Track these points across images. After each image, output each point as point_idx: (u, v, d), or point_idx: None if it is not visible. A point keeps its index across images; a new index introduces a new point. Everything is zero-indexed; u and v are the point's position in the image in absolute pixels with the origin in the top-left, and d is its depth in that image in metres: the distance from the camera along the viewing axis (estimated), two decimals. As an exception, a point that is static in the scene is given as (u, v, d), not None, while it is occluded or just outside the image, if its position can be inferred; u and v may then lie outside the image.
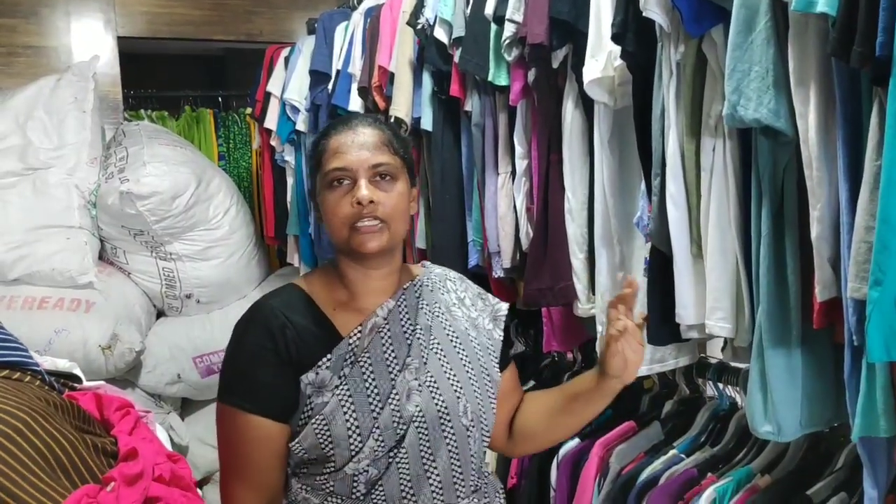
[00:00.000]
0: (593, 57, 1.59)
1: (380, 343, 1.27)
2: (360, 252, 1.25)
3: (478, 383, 1.32)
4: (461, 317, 1.37)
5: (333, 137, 1.28)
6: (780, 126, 1.27)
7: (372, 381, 1.24)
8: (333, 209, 1.25)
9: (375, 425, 1.22)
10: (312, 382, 1.24)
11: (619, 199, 1.67)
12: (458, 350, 1.33)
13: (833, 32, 1.13)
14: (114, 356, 2.88)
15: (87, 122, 3.13)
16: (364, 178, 1.24)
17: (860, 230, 1.14)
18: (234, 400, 1.25)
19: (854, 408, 1.22)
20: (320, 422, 1.22)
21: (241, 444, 1.25)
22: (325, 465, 1.24)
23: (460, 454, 1.28)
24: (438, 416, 1.26)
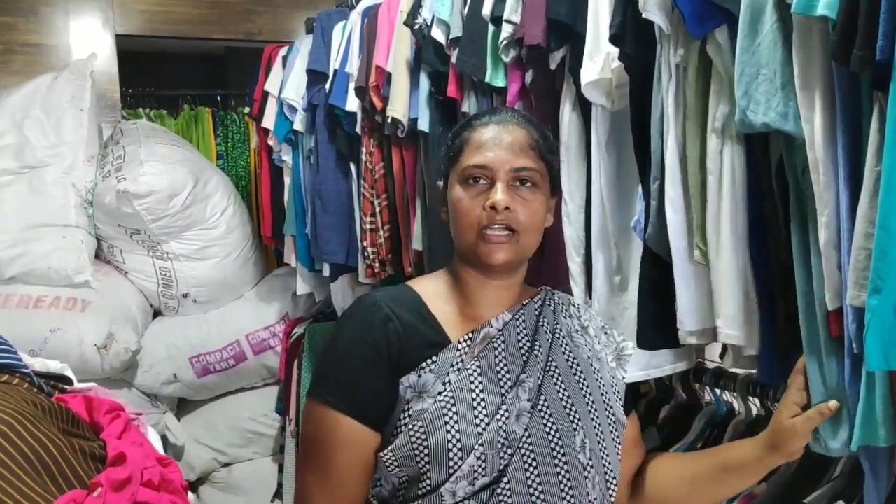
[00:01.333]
0: (591, 59, 1.57)
1: (492, 355, 1.17)
2: (485, 262, 1.17)
3: (600, 420, 1.20)
4: (583, 345, 1.27)
5: (479, 130, 1.20)
6: (788, 129, 1.24)
7: (480, 392, 1.13)
8: (465, 210, 1.17)
9: (479, 441, 1.10)
10: (413, 385, 1.13)
11: (617, 202, 1.65)
12: (579, 379, 1.22)
13: (833, 35, 1.12)
14: (109, 356, 2.87)
15: (84, 121, 3.12)
16: (503, 182, 1.16)
17: (859, 237, 1.12)
18: (325, 396, 1.15)
19: (854, 417, 1.20)
20: (418, 429, 1.11)
21: (327, 445, 1.14)
22: (418, 486, 1.11)
23: (576, 496, 1.13)
24: (550, 445, 1.13)
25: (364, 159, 2.47)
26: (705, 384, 1.74)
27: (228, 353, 3.26)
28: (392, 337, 1.15)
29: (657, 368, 1.67)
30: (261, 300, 3.39)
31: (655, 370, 1.67)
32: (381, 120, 2.34)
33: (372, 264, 2.49)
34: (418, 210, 2.28)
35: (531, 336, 1.21)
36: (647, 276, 1.50)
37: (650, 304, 1.49)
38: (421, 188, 2.26)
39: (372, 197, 2.46)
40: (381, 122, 2.36)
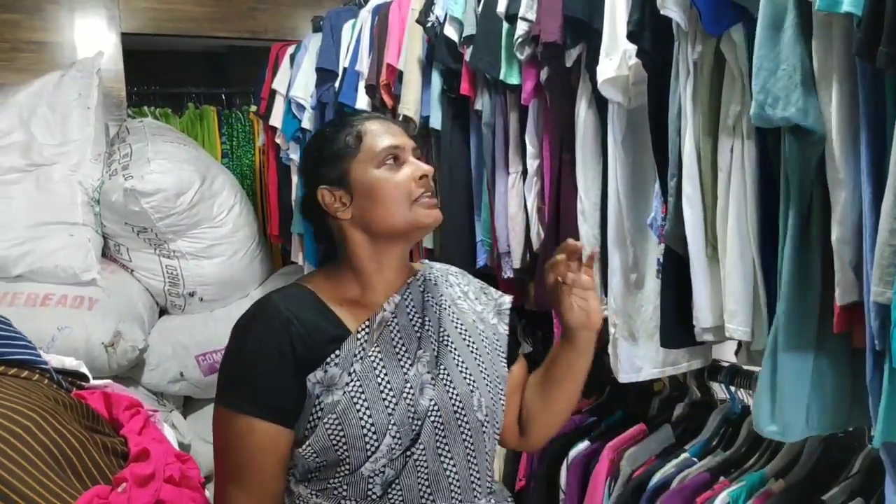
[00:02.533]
0: (608, 56, 1.58)
1: (389, 337, 1.24)
2: (426, 224, 1.25)
3: (489, 378, 1.29)
4: (468, 310, 1.35)
5: (365, 123, 1.27)
6: (808, 125, 1.24)
7: (384, 376, 1.20)
8: (394, 186, 1.23)
9: (391, 422, 1.17)
10: (321, 381, 1.18)
11: (633, 199, 1.65)
12: (469, 343, 1.30)
13: (858, 32, 1.12)
14: (116, 354, 2.86)
15: (91, 119, 3.11)
16: (413, 157, 1.26)
17: (884, 233, 1.12)
18: (236, 403, 1.20)
19: (876, 413, 1.21)
20: (332, 421, 1.17)
21: (242, 450, 1.19)
22: (337, 468, 1.18)
23: (476, 451, 1.24)
24: (454, 409, 1.22)
25: (374, 157, 2.47)
26: (720, 382, 1.74)
27: (235, 351, 3.25)
28: (295, 338, 1.18)
29: (672, 366, 1.68)
30: (267, 299, 3.38)
31: (671, 368, 1.68)
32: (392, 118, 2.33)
33: (382, 262, 2.49)
34: (429, 208, 2.27)
35: (421, 312, 1.29)
36: (669, 273, 1.50)
37: (671, 301, 1.50)
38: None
39: (382, 195, 2.46)
40: (391, 119, 2.36)
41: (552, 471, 1.85)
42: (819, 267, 1.32)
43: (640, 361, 1.68)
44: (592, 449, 1.81)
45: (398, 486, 1.18)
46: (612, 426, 1.88)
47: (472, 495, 1.23)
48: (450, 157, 2.11)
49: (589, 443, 1.83)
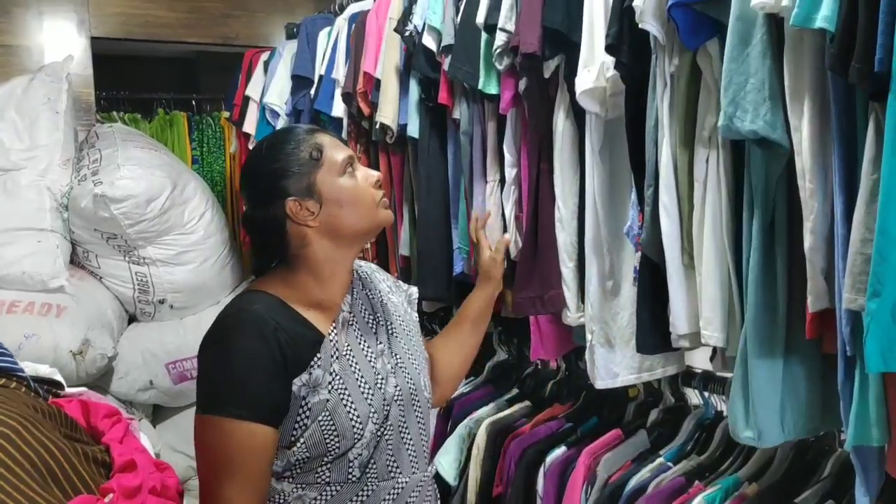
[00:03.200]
0: (585, 67, 1.60)
1: (354, 335, 1.35)
2: (388, 223, 1.43)
3: (422, 360, 1.46)
4: (395, 302, 1.49)
5: (318, 138, 1.36)
6: (776, 138, 1.28)
7: (359, 370, 1.32)
8: (362, 191, 1.35)
9: (372, 410, 1.30)
10: (306, 383, 1.26)
11: (610, 208, 1.68)
12: (405, 330, 1.46)
13: (831, 48, 1.15)
14: (85, 362, 2.83)
15: (59, 124, 3.07)
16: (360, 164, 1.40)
17: (856, 242, 1.16)
18: (230, 410, 1.23)
19: (847, 417, 1.24)
20: (325, 418, 1.26)
21: (237, 453, 1.23)
22: (324, 458, 1.29)
23: (425, 424, 1.42)
24: (410, 391, 1.38)
25: (350, 165, 2.47)
26: (694, 388, 1.77)
27: (206, 359, 3.23)
28: (283, 345, 1.25)
29: (648, 372, 1.70)
30: (238, 306, 3.35)
31: (646, 374, 1.71)
32: (369, 125, 2.34)
33: (357, 269, 2.50)
34: (406, 215, 2.29)
35: (370, 308, 1.42)
36: (645, 281, 1.53)
37: (647, 308, 1.52)
38: (409, 194, 2.28)
39: (358, 202, 2.47)
40: (367, 127, 2.36)
41: (529, 477, 1.86)
42: (785, 274, 1.36)
43: (616, 367, 1.70)
44: (569, 455, 1.83)
45: (373, 463, 1.32)
46: (587, 432, 1.91)
47: (424, 462, 1.41)
48: (427, 165, 2.12)
49: (566, 448, 1.85)
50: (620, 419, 1.94)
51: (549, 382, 2.16)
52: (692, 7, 1.35)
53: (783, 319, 1.36)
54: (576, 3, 1.63)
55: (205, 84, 5.04)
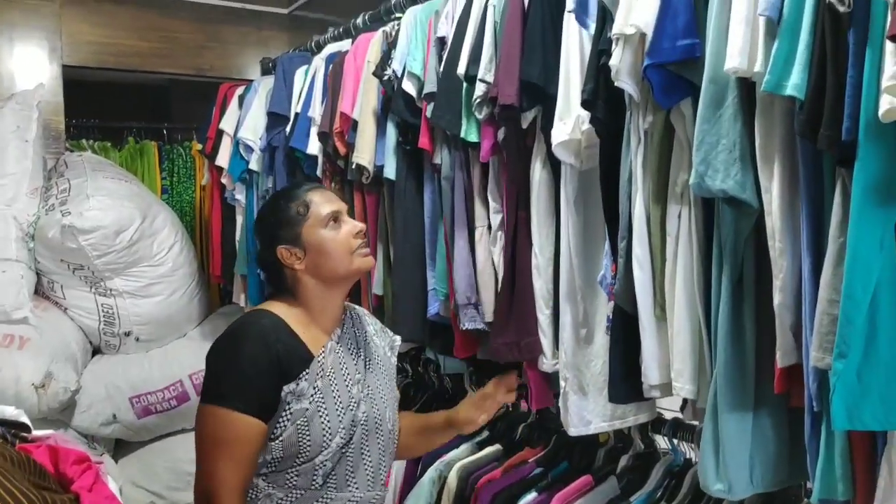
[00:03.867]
0: (561, 120, 1.63)
1: (338, 361, 1.60)
2: (365, 269, 1.68)
3: (393, 398, 1.72)
4: (378, 344, 1.74)
5: (308, 194, 1.64)
6: (745, 198, 1.33)
7: (338, 391, 1.57)
8: (340, 241, 1.61)
9: (341, 426, 1.55)
10: (293, 392, 1.53)
11: (584, 257, 1.71)
12: (381, 369, 1.70)
13: (801, 115, 1.20)
14: (47, 395, 2.77)
15: (28, 152, 3.04)
16: (349, 216, 1.65)
17: (823, 303, 1.20)
18: (231, 402, 1.50)
19: (814, 471, 1.27)
20: (302, 423, 1.52)
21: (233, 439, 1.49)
22: (295, 460, 1.54)
23: (385, 452, 1.66)
24: (375, 420, 1.62)
25: (324, 203, 2.48)
26: (664, 435, 1.80)
27: (171, 393, 3.18)
28: (281, 354, 1.53)
29: (620, 420, 1.73)
30: (205, 339, 3.31)
31: (618, 421, 1.73)
32: (344, 165, 2.36)
33: (330, 308, 2.49)
34: (380, 255, 2.29)
35: (356, 342, 1.67)
36: (617, 331, 1.55)
37: (620, 358, 1.55)
38: (383, 234, 2.28)
39: (332, 241, 2.47)
40: (343, 166, 2.37)
41: (500, 521, 1.87)
42: (753, 329, 1.39)
43: (589, 415, 1.72)
44: (540, 500, 1.84)
45: (333, 475, 1.56)
46: (558, 477, 1.92)
47: (379, 484, 1.64)
48: (403, 207, 2.13)
49: (536, 494, 1.86)
50: (591, 464, 1.95)
51: (519, 425, 2.17)
52: (667, 68, 1.40)
53: (752, 373, 1.40)
54: (553, 58, 1.67)
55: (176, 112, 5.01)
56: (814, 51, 1.19)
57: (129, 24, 3.62)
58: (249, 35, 3.90)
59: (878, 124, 1.10)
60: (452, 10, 1.99)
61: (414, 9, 2.14)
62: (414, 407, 2.48)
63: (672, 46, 1.37)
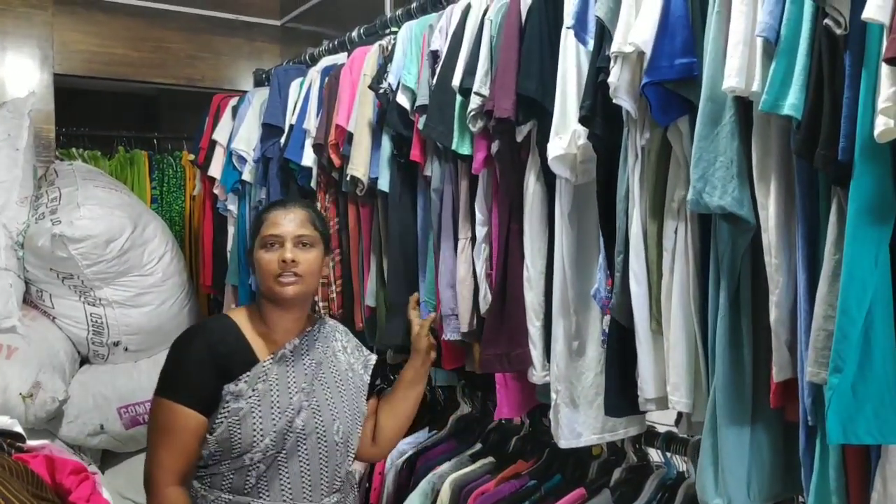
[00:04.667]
0: (557, 134, 1.65)
1: (285, 370, 1.69)
2: (282, 297, 1.70)
3: (349, 413, 1.76)
4: (343, 360, 1.81)
5: (273, 212, 1.75)
6: (743, 214, 1.35)
7: (276, 397, 1.66)
8: (265, 263, 1.70)
9: (273, 429, 1.64)
10: (232, 392, 1.64)
11: (577, 270, 1.72)
12: (339, 384, 1.76)
13: (798, 134, 1.22)
14: (35, 405, 2.75)
15: (19, 161, 3.02)
16: (290, 244, 1.70)
17: (819, 319, 1.22)
18: (174, 395, 1.65)
19: (808, 485, 1.29)
20: (235, 422, 1.63)
21: (173, 428, 1.64)
22: (228, 455, 1.63)
23: (328, 463, 1.70)
24: (316, 431, 1.68)
25: (318, 214, 2.49)
26: (657, 448, 1.81)
27: (159, 403, 3.16)
28: (220, 356, 1.65)
29: (611, 432, 1.74)
30: (194, 349, 3.30)
31: (609, 434, 1.74)
32: (339, 177, 2.36)
33: (323, 319, 2.50)
34: (373, 267, 2.30)
35: (311, 355, 1.75)
36: (614, 345, 1.57)
37: (616, 371, 1.56)
38: (377, 245, 2.29)
39: (325, 252, 2.47)
40: (337, 178, 2.38)
41: (493, 534, 1.87)
42: (750, 344, 1.41)
43: (580, 427, 1.73)
44: (533, 513, 1.85)
45: (265, 479, 1.64)
46: (551, 490, 1.92)
47: (320, 493, 1.69)
48: (397, 219, 2.14)
49: (530, 507, 1.87)
50: (584, 477, 1.96)
51: (512, 438, 2.18)
52: (665, 86, 1.42)
53: (749, 388, 1.41)
54: (549, 72, 1.69)
55: (165, 122, 5.01)
56: (811, 72, 1.21)
57: (121, 34, 3.63)
58: (242, 46, 3.91)
59: (873, 145, 1.12)
60: (446, 25, 2.01)
61: (410, 23, 2.16)
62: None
63: (670, 65, 1.40)
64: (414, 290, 2.14)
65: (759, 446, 1.41)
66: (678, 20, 1.40)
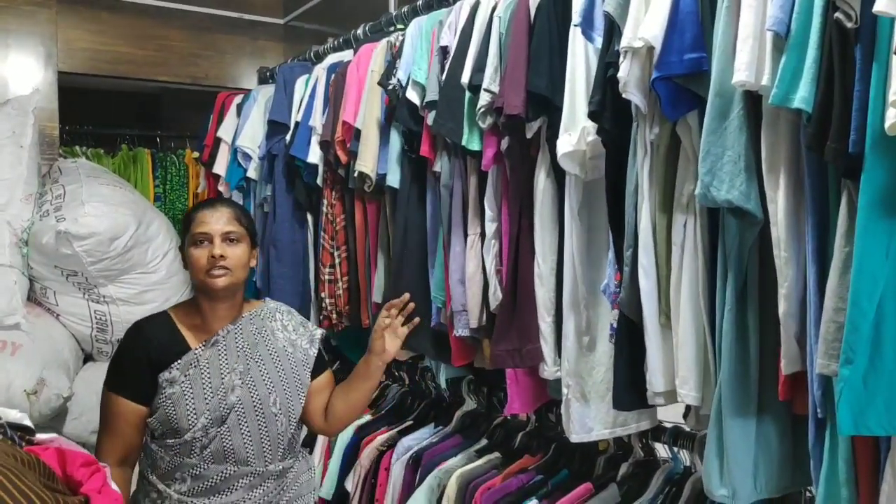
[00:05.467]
0: (567, 131, 1.66)
1: (217, 354, 1.82)
2: (212, 289, 1.81)
3: (289, 385, 1.87)
4: (281, 338, 1.92)
5: (201, 211, 1.86)
6: (750, 208, 1.35)
7: (208, 379, 1.80)
8: (195, 259, 1.81)
9: (206, 408, 1.78)
10: (167, 378, 1.79)
11: (587, 266, 1.73)
12: (276, 360, 1.88)
13: (808, 127, 1.23)
14: (39, 402, 2.74)
15: (23, 158, 3.01)
16: (218, 240, 1.81)
17: (829, 311, 1.22)
18: (112, 387, 1.82)
19: (818, 477, 1.30)
20: (170, 405, 1.78)
21: (110, 416, 1.81)
22: (174, 434, 1.78)
23: (269, 431, 1.83)
24: (253, 404, 1.81)
25: (325, 211, 2.49)
26: (664, 443, 1.81)
27: (161, 401, 3.16)
28: (152, 349, 1.80)
29: (622, 427, 1.75)
30: (197, 347, 3.30)
31: (620, 428, 1.75)
32: (345, 173, 2.37)
33: (329, 315, 2.50)
34: (380, 263, 2.31)
35: (245, 338, 1.87)
36: (622, 339, 1.57)
37: (624, 366, 1.57)
38: (384, 242, 2.30)
39: (332, 248, 2.48)
40: (343, 175, 2.39)
41: (500, 528, 1.88)
42: (757, 337, 1.42)
43: (591, 422, 1.73)
44: (540, 507, 1.85)
45: (209, 450, 1.78)
46: (558, 485, 1.93)
47: (264, 460, 1.82)
48: (405, 215, 2.15)
49: (537, 501, 1.87)
50: (590, 472, 1.96)
51: (518, 433, 2.18)
52: (674, 81, 1.43)
53: (756, 380, 1.42)
54: (558, 69, 1.70)
55: (167, 120, 5.01)
56: (821, 65, 1.22)
57: (125, 32, 3.63)
58: (245, 45, 3.91)
59: (884, 137, 1.13)
60: (456, 21, 2.02)
61: (419, 19, 2.16)
62: (412, 415, 2.50)
63: (680, 60, 1.40)
64: (422, 287, 2.14)
65: (766, 439, 1.42)
66: (688, 15, 1.41)
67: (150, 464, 1.84)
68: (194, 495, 1.79)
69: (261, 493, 1.82)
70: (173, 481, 1.80)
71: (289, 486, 1.88)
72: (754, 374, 1.42)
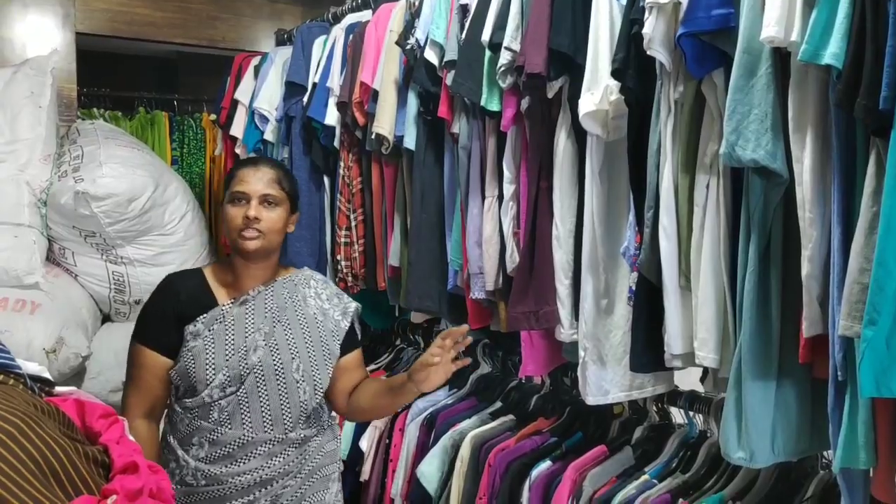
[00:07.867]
0: (589, 90, 1.64)
1: (244, 313, 1.81)
2: (244, 250, 1.79)
3: (315, 353, 1.84)
4: (313, 305, 1.89)
5: (242, 169, 1.84)
6: (775, 167, 1.33)
7: (232, 336, 1.79)
8: (230, 218, 1.80)
9: (225, 365, 1.76)
10: (191, 332, 1.79)
11: (607, 228, 1.71)
12: (304, 327, 1.85)
13: (838, 84, 1.20)
14: (58, 360, 2.77)
15: (42, 118, 3.02)
16: (255, 201, 1.78)
17: (854, 272, 1.20)
18: (139, 338, 1.84)
19: (836, 440, 1.28)
20: (190, 358, 1.77)
21: (137, 368, 1.82)
22: (194, 392, 1.77)
23: (290, 398, 1.80)
24: (274, 368, 1.78)
25: (341, 173, 2.48)
26: (680, 407, 1.81)
27: (179, 361, 3.19)
28: (181, 301, 1.80)
29: (638, 390, 1.74)
30: (214, 309, 3.32)
31: (636, 391, 1.74)
32: (362, 135, 2.35)
33: (345, 278, 2.50)
34: (397, 226, 2.30)
35: (274, 300, 1.85)
36: (641, 301, 1.56)
37: (642, 328, 1.55)
38: (401, 204, 2.29)
39: (348, 211, 2.47)
40: (360, 137, 2.37)
41: (514, 490, 1.88)
42: (778, 299, 1.40)
43: (607, 385, 1.73)
44: (554, 469, 1.85)
45: (227, 413, 1.76)
46: (572, 447, 1.93)
47: (283, 427, 1.79)
48: (422, 178, 2.13)
49: (551, 463, 1.87)
50: (605, 435, 1.96)
51: (533, 396, 2.18)
52: (700, 38, 1.40)
53: (776, 343, 1.41)
54: (581, 27, 1.67)
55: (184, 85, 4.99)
56: (853, 20, 1.19)
57: (143, -7, 3.61)
58: (262, 7, 3.88)
59: (917, 93, 1.10)
60: (476, -21, 1.98)
61: (438, -22, 2.13)
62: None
63: (707, 16, 1.38)
64: (439, 250, 2.13)
65: (785, 402, 1.41)
66: (716, -30, 1.37)
67: (171, 426, 1.84)
68: (211, 462, 1.76)
69: (280, 462, 1.78)
70: (191, 446, 1.78)
71: (311, 456, 1.84)
72: (775, 336, 1.41)
